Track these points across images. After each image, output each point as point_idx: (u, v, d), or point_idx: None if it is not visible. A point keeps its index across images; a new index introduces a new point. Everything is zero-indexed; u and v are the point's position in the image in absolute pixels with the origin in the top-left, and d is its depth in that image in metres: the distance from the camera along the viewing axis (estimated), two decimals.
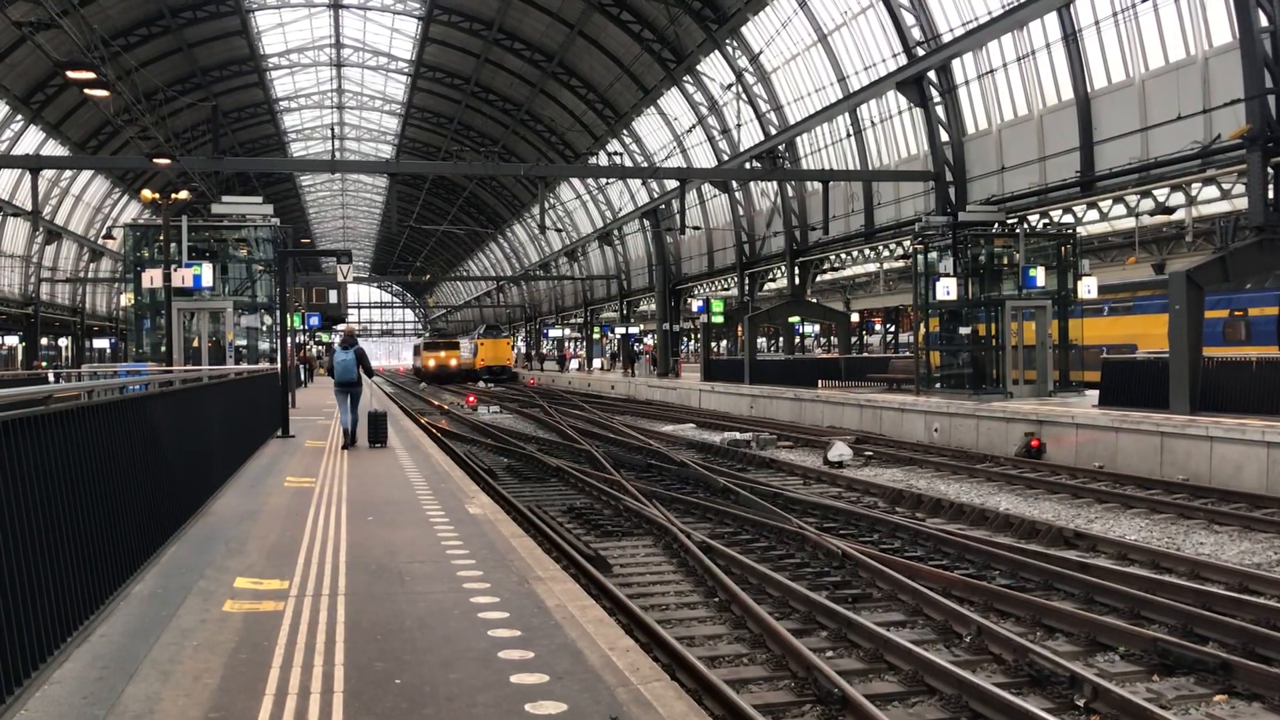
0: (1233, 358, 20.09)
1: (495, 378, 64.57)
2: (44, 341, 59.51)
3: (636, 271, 61.39)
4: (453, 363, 72.03)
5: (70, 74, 20.01)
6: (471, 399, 42.77)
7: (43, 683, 5.05)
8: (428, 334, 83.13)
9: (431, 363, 72.96)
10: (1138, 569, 10.59)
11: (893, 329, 60.66)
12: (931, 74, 30.51)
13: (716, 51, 40.71)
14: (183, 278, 22.61)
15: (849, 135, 36.70)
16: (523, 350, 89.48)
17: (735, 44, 39.66)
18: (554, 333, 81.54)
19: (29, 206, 35.15)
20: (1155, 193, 24.01)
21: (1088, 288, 25.40)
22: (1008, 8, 26.23)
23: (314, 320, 50.42)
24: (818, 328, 61.54)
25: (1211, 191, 23.19)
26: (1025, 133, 28.73)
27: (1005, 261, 25.89)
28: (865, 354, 51.59)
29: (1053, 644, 8.12)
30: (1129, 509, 14.56)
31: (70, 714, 4.73)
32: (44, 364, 53.80)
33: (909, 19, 30.60)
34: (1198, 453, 16.42)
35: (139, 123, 43.33)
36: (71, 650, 5.56)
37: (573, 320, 77.53)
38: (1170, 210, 23.88)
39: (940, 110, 30.97)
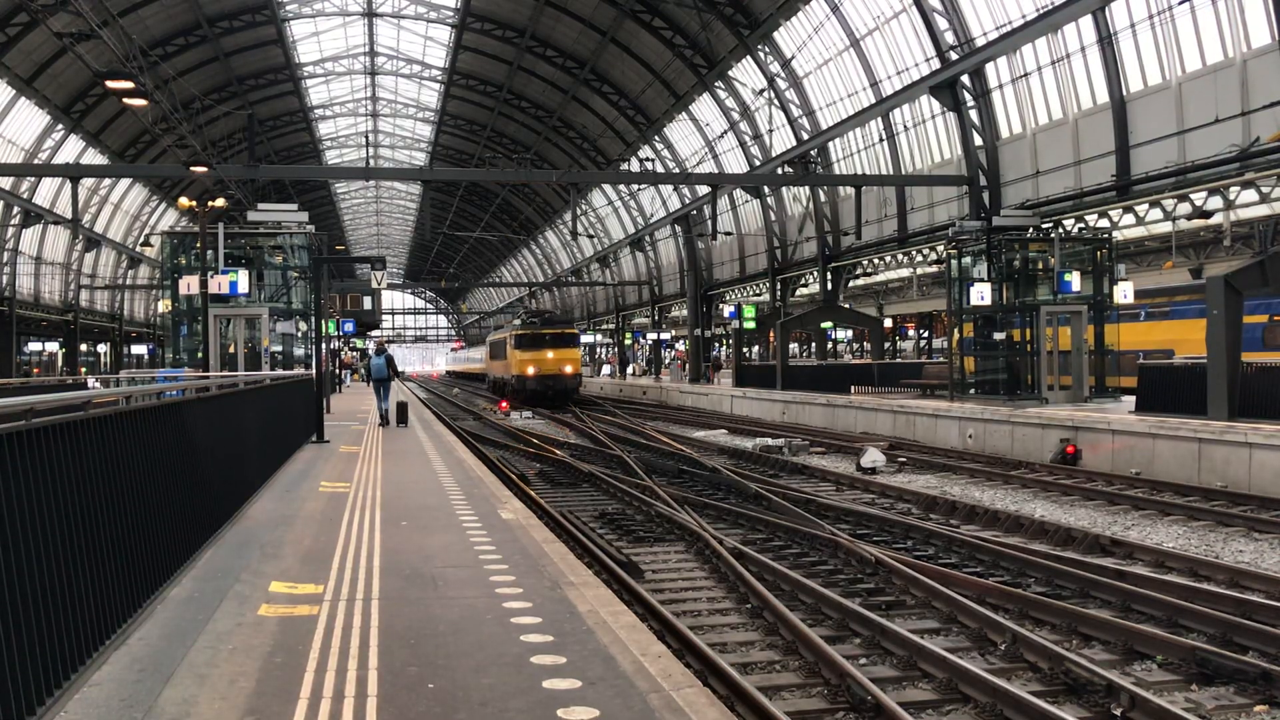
0: (1272, 363, 19.83)
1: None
2: (83, 347, 60.31)
3: (668, 277, 61.42)
4: (568, 369, 44.19)
5: (109, 84, 20.33)
6: (504, 404, 42.87)
7: (82, 685, 5.11)
8: (521, 316, 51.62)
9: (531, 369, 43.76)
10: (1175, 577, 10.47)
11: (926, 334, 60.33)
12: (965, 78, 30.37)
13: (748, 57, 40.68)
14: (219, 284, 22.82)
15: (881, 140, 36.56)
16: None
17: (767, 49, 39.60)
18: (586, 339, 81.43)
19: (69, 214, 35.67)
20: (1192, 196, 23.74)
21: (1124, 292, 25.11)
22: (1042, 11, 26.06)
23: (348, 326, 50.71)
24: (850, 333, 61.27)
25: (1250, 195, 22.91)
26: (1060, 136, 28.50)
27: (1040, 266, 25.66)
28: (898, 359, 51.37)
29: (1089, 652, 8.04)
30: (1166, 516, 14.40)
31: (108, 716, 4.78)
32: (84, 369, 54.53)
33: (942, 23, 30.45)
34: (1236, 459, 16.20)
35: (176, 131, 43.94)
36: (109, 653, 5.62)
37: (604, 326, 77.52)
38: (1208, 214, 23.59)
39: (974, 114, 30.82)
